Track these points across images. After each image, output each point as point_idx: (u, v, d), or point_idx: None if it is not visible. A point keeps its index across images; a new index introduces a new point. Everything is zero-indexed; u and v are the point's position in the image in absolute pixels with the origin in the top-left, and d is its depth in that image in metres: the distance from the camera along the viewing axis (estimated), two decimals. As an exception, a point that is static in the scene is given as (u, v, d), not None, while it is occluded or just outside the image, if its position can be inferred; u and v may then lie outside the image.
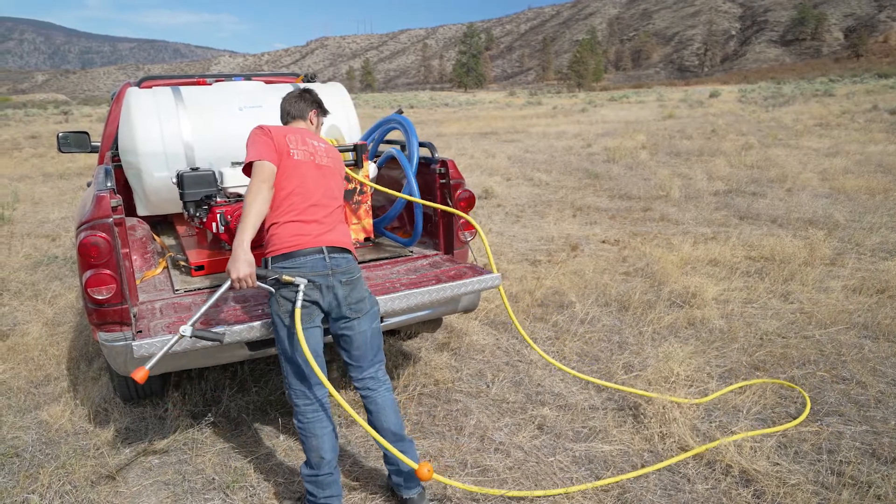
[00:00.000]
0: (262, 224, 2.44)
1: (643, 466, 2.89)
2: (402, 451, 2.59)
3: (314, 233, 2.47)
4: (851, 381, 3.60)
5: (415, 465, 2.40)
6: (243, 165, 2.52)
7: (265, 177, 2.40)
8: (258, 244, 2.43)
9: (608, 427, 3.23)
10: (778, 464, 2.85)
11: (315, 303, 2.46)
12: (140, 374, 2.22)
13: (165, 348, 2.31)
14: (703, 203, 8.69)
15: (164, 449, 3.14)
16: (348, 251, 2.55)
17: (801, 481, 2.72)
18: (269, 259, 2.46)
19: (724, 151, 13.41)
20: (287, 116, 2.79)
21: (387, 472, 2.71)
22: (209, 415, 3.43)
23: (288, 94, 2.82)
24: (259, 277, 2.37)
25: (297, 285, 2.37)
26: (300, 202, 2.49)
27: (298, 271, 2.41)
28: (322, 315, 2.52)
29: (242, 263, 2.26)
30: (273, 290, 2.43)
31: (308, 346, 2.39)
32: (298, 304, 2.36)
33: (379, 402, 2.60)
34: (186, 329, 2.28)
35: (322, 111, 2.86)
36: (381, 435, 2.60)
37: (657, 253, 6.14)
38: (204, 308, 2.33)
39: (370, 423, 2.64)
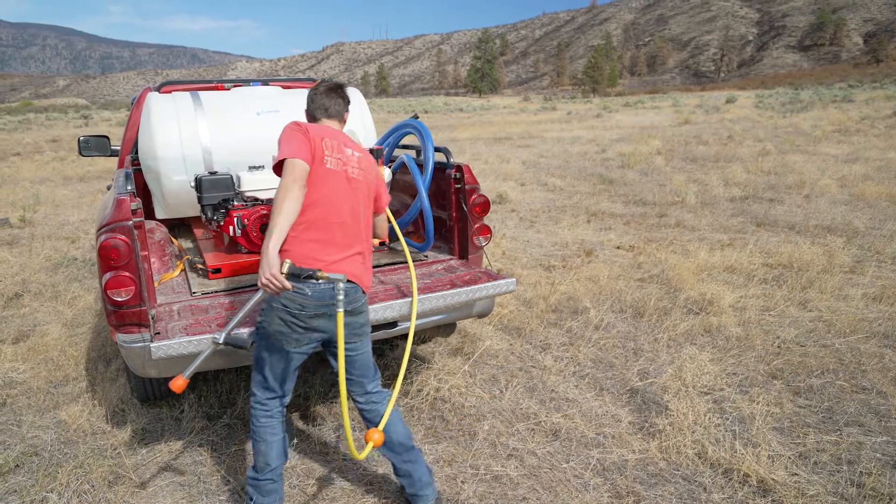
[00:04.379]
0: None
1: (659, 474, 2.87)
2: (411, 461, 2.57)
3: (328, 259, 2.32)
4: (871, 390, 3.54)
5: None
6: (274, 162, 2.32)
7: (297, 175, 2.21)
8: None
9: (622, 434, 3.20)
10: (796, 474, 2.81)
11: (315, 329, 2.34)
12: (178, 384, 2.22)
13: (200, 358, 2.30)
14: (719, 209, 8.62)
15: (179, 450, 3.17)
16: (355, 283, 2.42)
17: (820, 492, 2.68)
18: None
19: (741, 157, 13.29)
20: (324, 113, 2.55)
21: (399, 485, 2.70)
22: (224, 417, 3.46)
23: (326, 88, 2.57)
24: (291, 276, 2.21)
25: (335, 283, 2.21)
26: (322, 216, 2.34)
27: (301, 296, 2.27)
28: (316, 344, 2.43)
29: (265, 267, 2.14)
30: (288, 289, 2.24)
31: (286, 366, 2.39)
32: (340, 307, 2.19)
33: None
34: (219, 336, 2.30)
35: (348, 111, 2.70)
36: (390, 447, 2.55)
37: (673, 259, 6.09)
38: (238, 316, 2.34)
39: None
